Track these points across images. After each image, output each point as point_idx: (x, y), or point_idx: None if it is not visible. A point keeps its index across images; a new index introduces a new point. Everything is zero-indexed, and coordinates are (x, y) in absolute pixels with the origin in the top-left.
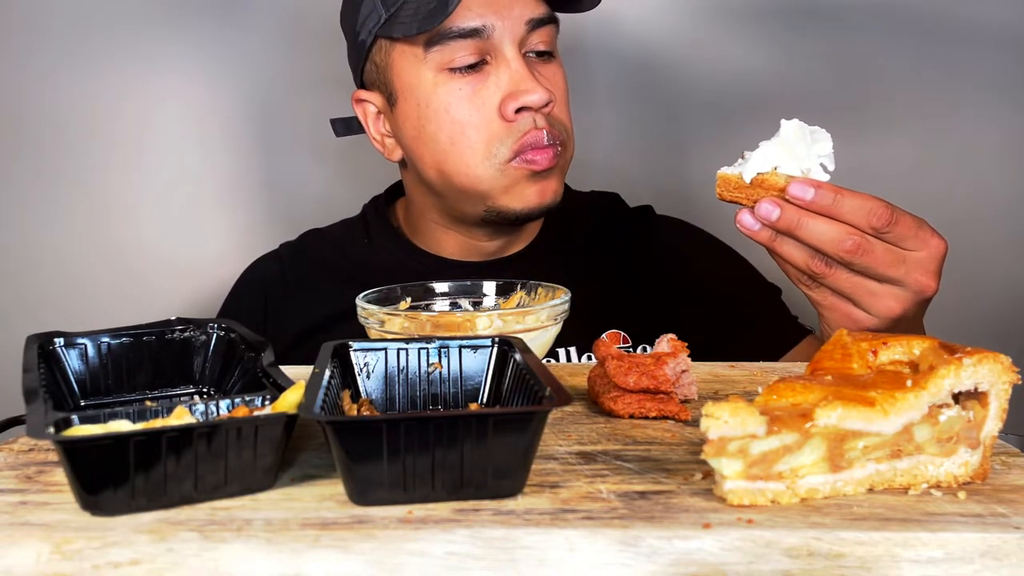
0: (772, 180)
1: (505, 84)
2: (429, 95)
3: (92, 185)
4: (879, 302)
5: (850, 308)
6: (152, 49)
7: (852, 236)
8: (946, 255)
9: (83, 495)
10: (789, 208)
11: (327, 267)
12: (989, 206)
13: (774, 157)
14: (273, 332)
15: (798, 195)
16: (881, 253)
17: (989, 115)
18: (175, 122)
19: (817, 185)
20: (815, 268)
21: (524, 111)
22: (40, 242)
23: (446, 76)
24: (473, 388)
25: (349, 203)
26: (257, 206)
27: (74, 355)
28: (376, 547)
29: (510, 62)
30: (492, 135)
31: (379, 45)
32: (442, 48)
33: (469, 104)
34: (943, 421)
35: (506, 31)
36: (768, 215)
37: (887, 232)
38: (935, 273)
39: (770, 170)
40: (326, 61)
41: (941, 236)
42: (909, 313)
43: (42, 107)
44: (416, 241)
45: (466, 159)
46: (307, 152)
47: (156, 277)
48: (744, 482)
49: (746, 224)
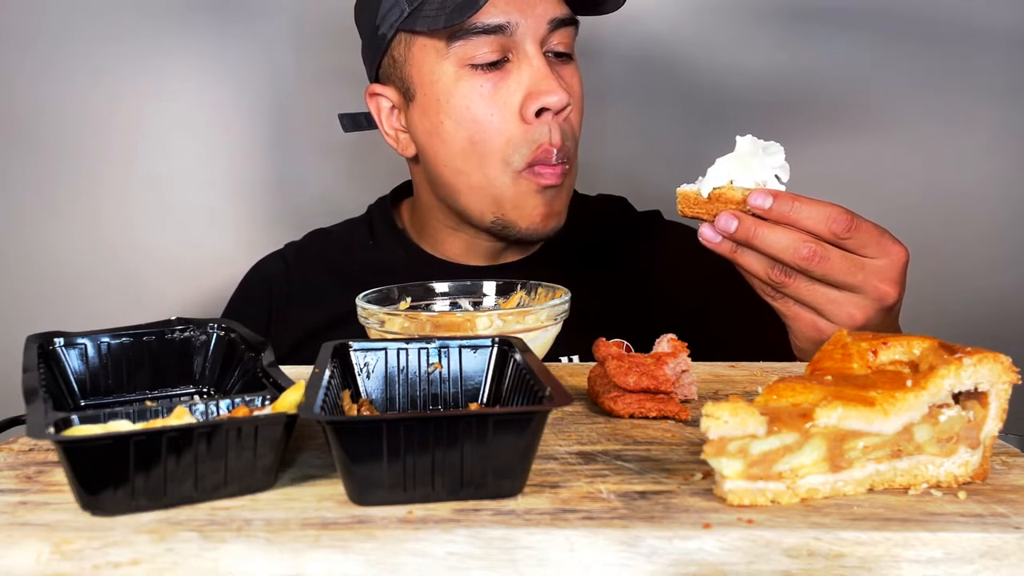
0: (729, 194)
1: (526, 82)
2: (449, 91)
3: (93, 184)
4: (840, 310)
5: (814, 317)
6: (152, 47)
7: (808, 244)
8: (908, 263)
9: (83, 495)
10: (746, 219)
11: (332, 268)
12: (989, 206)
13: (730, 172)
14: (277, 333)
15: (758, 204)
16: (838, 260)
17: (990, 115)
18: (177, 121)
19: (775, 195)
20: (775, 278)
21: (543, 113)
22: (40, 242)
23: (468, 72)
24: (473, 388)
25: (356, 202)
26: (262, 205)
27: (74, 355)
28: (376, 547)
29: (531, 60)
30: (510, 139)
31: (399, 39)
32: (465, 43)
33: (490, 102)
34: (943, 421)
35: (529, 29)
36: (726, 227)
37: (848, 239)
38: (895, 281)
39: (726, 184)
40: (332, 57)
41: (902, 244)
42: (872, 321)
43: (43, 106)
44: (421, 243)
45: (485, 160)
46: (313, 151)
47: (158, 277)
48: (744, 482)
49: (707, 237)
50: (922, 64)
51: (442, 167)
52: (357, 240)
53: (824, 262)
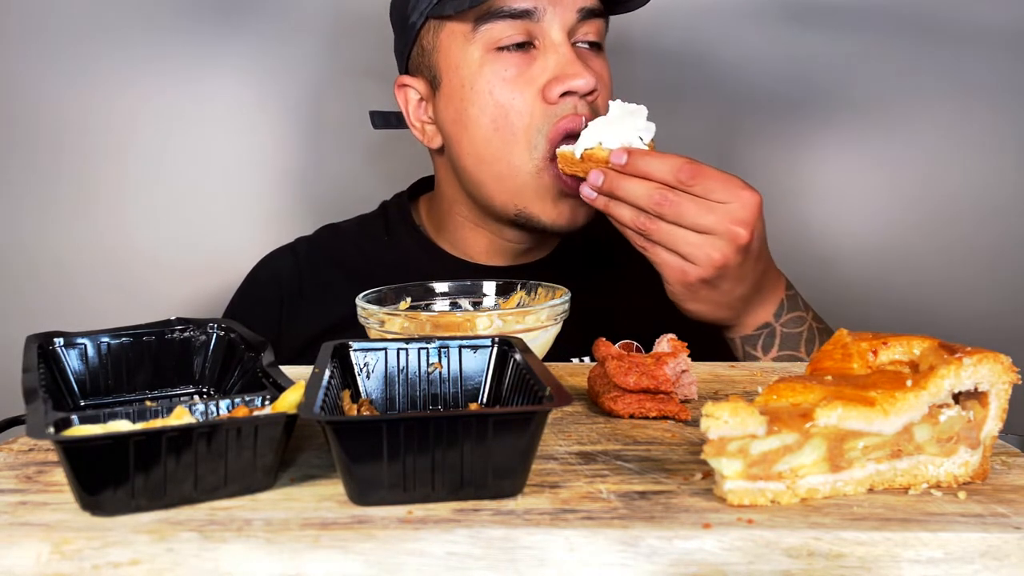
0: (598, 154)
1: (552, 68)
2: (474, 75)
3: (93, 184)
4: (700, 251)
5: (679, 261)
6: (152, 44)
7: (659, 190)
8: (761, 206)
9: (83, 495)
10: (611, 174)
11: (345, 266)
12: (989, 205)
13: (600, 134)
14: (289, 331)
15: (615, 161)
16: (687, 204)
17: (990, 115)
18: (178, 120)
19: (630, 152)
20: (640, 225)
21: (568, 96)
22: (40, 242)
23: (492, 56)
24: (473, 388)
25: (367, 197)
26: (263, 205)
27: (74, 355)
28: (376, 547)
29: (558, 47)
30: (532, 122)
31: (428, 27)
32: (491, 27)
33: (513, 85)
34: (943, 421)
35: (556, 16)
36: (595, 181)
37: (693, 185)
38: (746, 222)
39: (596, 145)
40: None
41: (754, 190)
42: (732, 262)
43: (42, 106)
44: (439, 240)
45: (508, 146)
46: (327, 145)
47: (159, 276)
48: (744, 482)
49: (586, 194)
50: (921, 64)
51: (466, 156)
52: (372, 237)
53: (674, 206)
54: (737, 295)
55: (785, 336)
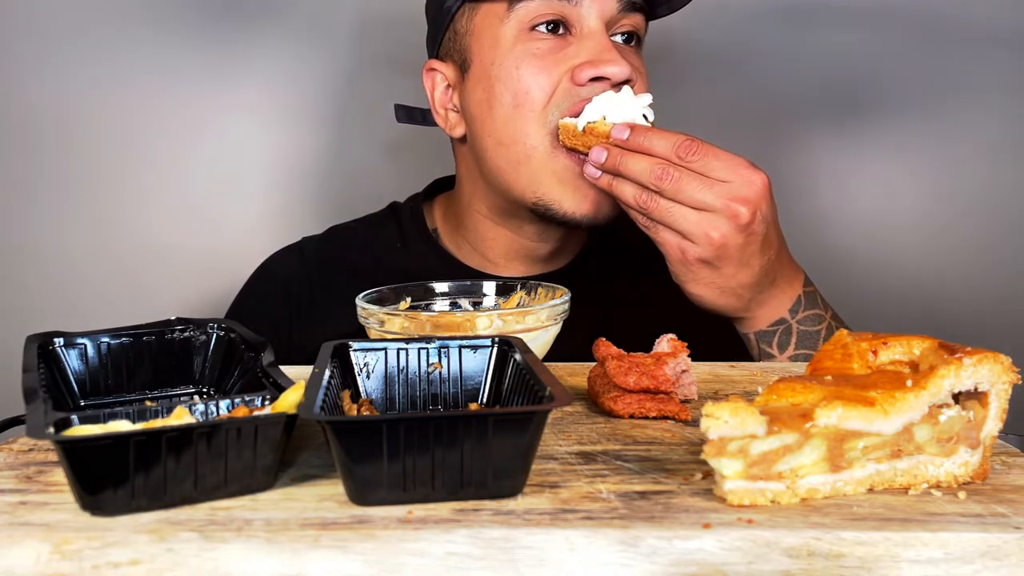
0: (600, 128)
1: (586, 53)
2: (505, 53)
3: (93, 184)
4: (698, 229)
5: (677, 239)
6: (162, 44)
7: (660, 165)
8: (769, 188)
9: (83, 495)
10: (614, 150)
11: (357, 272)
12: (989, 205)
13: (603, 108)
14: (299, 337)
15: (617, 136)
16: (687, 180)
17: (991, 115)
18: (177, 119)
19: (632, 127)
20: (643, 203)
21: (598, 82)
22: (40, 242)
23: (526, 35)
24: (473, 388)
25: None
26: (265, 204)
27: (74, 355)
28: (376, 547)
29: (595, 34)
30: (552, 99)
31: (463, 11)
32: (527, 5)
33: (542, 63)
34: (943, 421)
35: (595, 4)
36: (598, 158)
37: (693, 161)
38: (748, 200)
39: (599, 119)
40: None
41: (760, 170)
42: (732, 242)
43: (42, 105)
44: (454, 245)
45: (524, 124)
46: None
47: (159, 276)
48: (744, 482)
49: (589, 173)
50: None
51: (487, 138)
52: (384, 242)
53: (674, 181)
54: (742, 281)
55: (802, 334)
